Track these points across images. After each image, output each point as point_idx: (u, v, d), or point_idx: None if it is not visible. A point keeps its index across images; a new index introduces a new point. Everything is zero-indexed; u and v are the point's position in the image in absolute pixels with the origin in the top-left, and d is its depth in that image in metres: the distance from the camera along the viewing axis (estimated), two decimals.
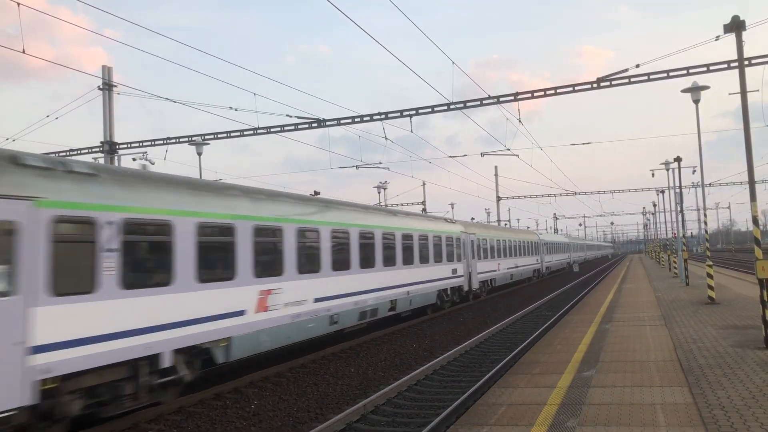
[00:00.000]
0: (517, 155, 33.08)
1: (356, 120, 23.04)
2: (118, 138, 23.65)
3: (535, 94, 21.65)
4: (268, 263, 13.34)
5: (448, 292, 26.15)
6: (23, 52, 15.93)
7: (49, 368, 8.35)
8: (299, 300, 14.29)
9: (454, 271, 26.77)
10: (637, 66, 19.16)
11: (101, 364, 9.19)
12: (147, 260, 10.49)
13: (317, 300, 15.11)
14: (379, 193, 53.16)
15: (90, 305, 9.09)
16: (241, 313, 12.23)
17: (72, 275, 8.89)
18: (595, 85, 20.32)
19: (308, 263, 14.88)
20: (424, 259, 22.93)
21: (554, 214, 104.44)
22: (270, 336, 13.12)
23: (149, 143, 25.93)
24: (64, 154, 26.60)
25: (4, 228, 7.99)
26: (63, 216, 8.79)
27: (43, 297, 8.35)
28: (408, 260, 21.29)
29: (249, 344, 12.47)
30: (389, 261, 19.72)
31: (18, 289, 8.05)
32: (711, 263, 21.25)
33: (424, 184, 56.36)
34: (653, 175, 48.60)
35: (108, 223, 9.46)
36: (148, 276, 10.33)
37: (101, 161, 23.39)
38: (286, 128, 23.84)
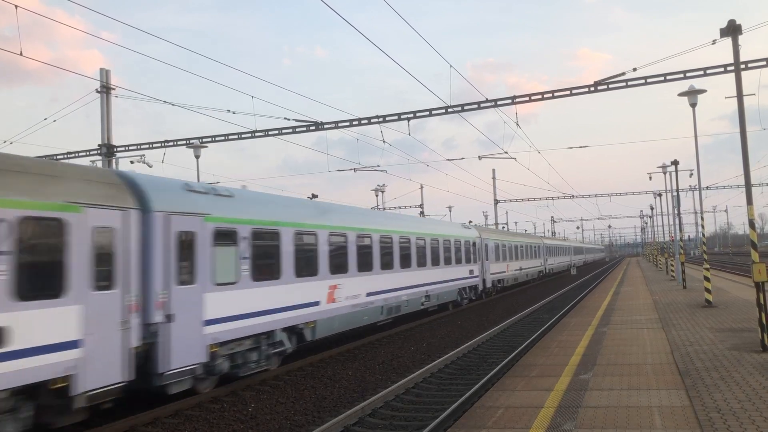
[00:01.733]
0: (515, 158, 33.09)
1: (354, 123, 23.06)
2: (115, 141, 23.62)
3: (533, 98, 21.70)
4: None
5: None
6: (21, 54, 15.91)
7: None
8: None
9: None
10: (635, 69, 19.20)
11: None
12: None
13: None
14: (377, 196, 53.14)
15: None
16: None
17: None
18: (592, 89, 20.37)
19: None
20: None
21: (552, 217, 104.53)
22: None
23: (147, 146, 25.91)
24: (62, 157, 26.58)
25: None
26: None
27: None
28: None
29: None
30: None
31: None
32: (708, 266, 21.28)
33: (421, 186, 56.40)
34: (650, 178, 48.61)
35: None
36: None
37: (99, 164, 23.38)
38: (284, 131, 23.84)
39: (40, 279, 8.59)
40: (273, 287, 13.68)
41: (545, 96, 21.44)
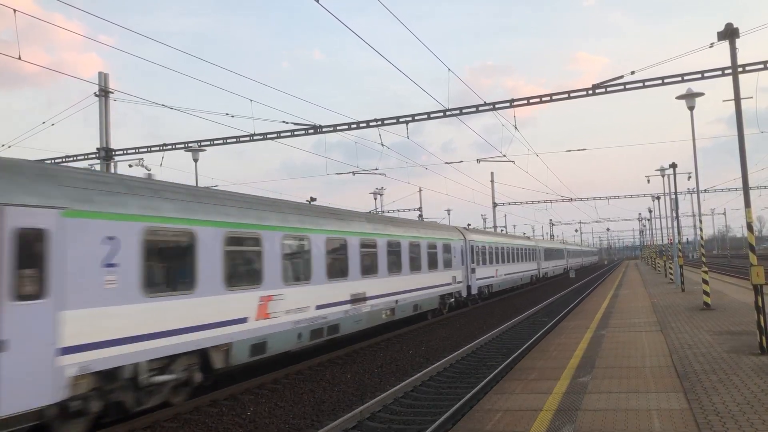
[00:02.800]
0: (513, 161, 33.13)
1: (352, 126, 23.09)
2: (113, 144, 23.63)
3: (531, 101, 21.74)
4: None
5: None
6: (19, 58, 15.92)
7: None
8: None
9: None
10: (632, 73, 19.25)
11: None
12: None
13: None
14: (375, 199, 53.21)
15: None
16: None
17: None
18: (590, 92, 20.42)
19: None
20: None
21: (550, 220, 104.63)
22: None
23: (145, 150, 25.92)
24: (60, 160, 26.58)
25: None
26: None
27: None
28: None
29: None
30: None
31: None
32: (706, 269, 21.30)
33: (420, 190, 56.48)
34: (649, 181, 48.84)
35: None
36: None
37: (97, 168, 23.37)
38: (282, 134, 23.87)
39: None
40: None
41: (543, 99, 21.48)
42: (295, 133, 23.68)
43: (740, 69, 16.95)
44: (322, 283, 15.76)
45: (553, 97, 21.35)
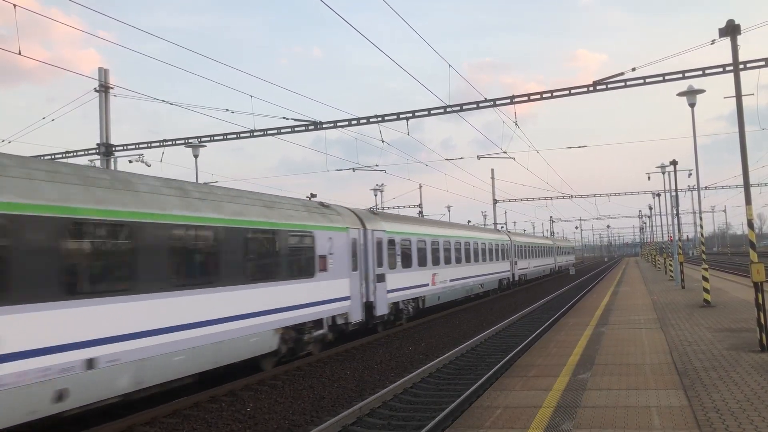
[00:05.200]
0: (514, 158, 33.11)
1: (353, 123, 23.06)
2: (114, 140, 23.61)
3: (532, 97, 21.71)
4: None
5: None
6: (19, 53, 15.88)
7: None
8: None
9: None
10: (633, 69, 19.22)
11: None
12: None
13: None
14: (375, 195, 53.16)
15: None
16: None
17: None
18: (591, 89, 20.38)
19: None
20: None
21: (550, 217, 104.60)
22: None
23: (145, 145, 25.92)
24: (60, 156, 26.55)
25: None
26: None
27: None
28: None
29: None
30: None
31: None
32: (707, 266, 21.29)
33: (420, 186, 56.43)
34: (649, 178, 48.88)
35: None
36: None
37: (97, 163, 23.35)
38: (282, 130, 23.85)
39: None
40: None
41: (544, 96, 21.45)
42: (295, 129, 23.65)
43: (741, 66, 16.91)
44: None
45: (554, 94, 21.31)
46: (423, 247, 24.23)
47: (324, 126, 23.15)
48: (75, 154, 26.43)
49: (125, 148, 25.43)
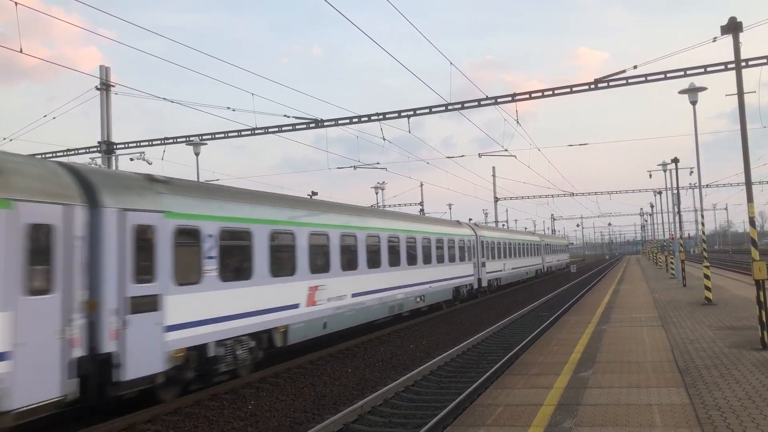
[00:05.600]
0: (515, 156, 33.10)
1: (354, 120, 23.05)
2: (114, 138, 23.62)
3: (533, 95, 21.68)
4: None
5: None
6: (20, 51, 15.88)
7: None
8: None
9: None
10: (635, 67, 19.21)
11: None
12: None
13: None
14: (376, 193, 53.15)
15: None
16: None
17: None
18: (592, 86, 20.35)
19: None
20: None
21: (552, 215, 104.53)
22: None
23: (147, 143, 25.91)
24: (61, 154, 26.57)
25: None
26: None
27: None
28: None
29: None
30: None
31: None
32: (708, 264, 21.27)
33: (421, 184, 56.42)
34: (651, 176, 48.67)
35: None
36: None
37: (98, 161, 23.37)
38: (283, 128, 23.84)
39: None
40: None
41: (546, 93, 21.42)
42: (297, 127, 23.66)
43: (743, 63, 16.86)
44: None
45: (556, 92, 21.29)
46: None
47: (325, 124, 23.14)
48: (76, 152, 26.45)
49: (126, 146, 25.44)
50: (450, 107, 22.23)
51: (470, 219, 50.99)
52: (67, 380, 8.82)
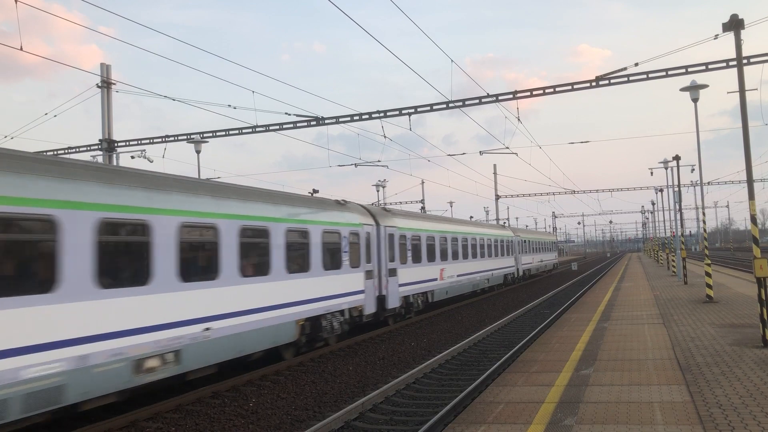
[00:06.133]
0: (516, 153, 33.05)
1: (355, 118, 23.04)
2: (115, 136, 23.62)
3: (535, 93, 21.65)
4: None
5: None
6: (21, 49, 15.88)
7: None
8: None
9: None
10: (636, 65, 19.17)
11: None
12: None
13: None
14: (378, 191, 53.16)
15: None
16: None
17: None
18: (594, 84, 20.32)
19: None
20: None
21: (553, 212, 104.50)
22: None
23: (148, 141, 25.91)
24: (62, 152, 26.58)
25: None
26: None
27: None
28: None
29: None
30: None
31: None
32: (709, 262, 21.26)
33: (423, 182, 56.41)
34: (652, 173, 48.77)
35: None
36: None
37: (99, 159, 23.38)
38: (284, 126, 23.84)
39: None
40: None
41: (547, 91, 21.40)
42: (297, 124, 23.65)
43: (745, 61, 16.82)
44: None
45: (557, 89, 21.26)
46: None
47: (326, 121, 23.13)
48: (77, 150, 26.46)
49: (127, 143, 25.45)
50: (451, 105, 22.21)
51: (471, 217, 50.35)
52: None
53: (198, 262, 11.76)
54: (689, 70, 19.55)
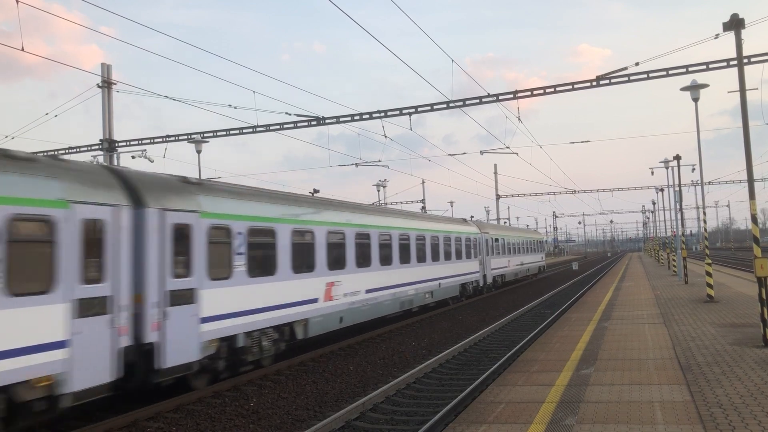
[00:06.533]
0: (517, 153, 33.05)
1: (355, 118, 23.05)
2: (116, 136, 23.64)
3: (535, 92, 21.65)
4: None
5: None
6: (22, 49, 15.88)
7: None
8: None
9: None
10: (637, 64, 19.16)
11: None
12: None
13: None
14: (378, 191, 53.16)
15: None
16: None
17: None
18: (594, 83, 20.32)
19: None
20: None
21: (554, 212, 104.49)
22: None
23: (149, 141, 25.93)
24: (63, 152, 26.59)
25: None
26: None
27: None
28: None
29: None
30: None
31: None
32: (710, 261, 21.26)
33: (423, 182, 56.39)
34: (653, 173, 48.77)
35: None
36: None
37: (100, 159, 23.39)
38: (285, 126, 23.84)
39: None
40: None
41: (547, 91, 21.40)
42: (298, 124, 23.65)
43: (745, 60, 16.81)
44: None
45: (557, 89, 21.27)
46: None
47: (327, 121, 23.14)
48: (78, 150, 26.48)
49: (128, 143, 25.46)
50: (452, 104, 22.21)
51: (471, 216, 50.44)
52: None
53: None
54: (690, 69, 19.55)
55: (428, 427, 8.92)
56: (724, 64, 19.03)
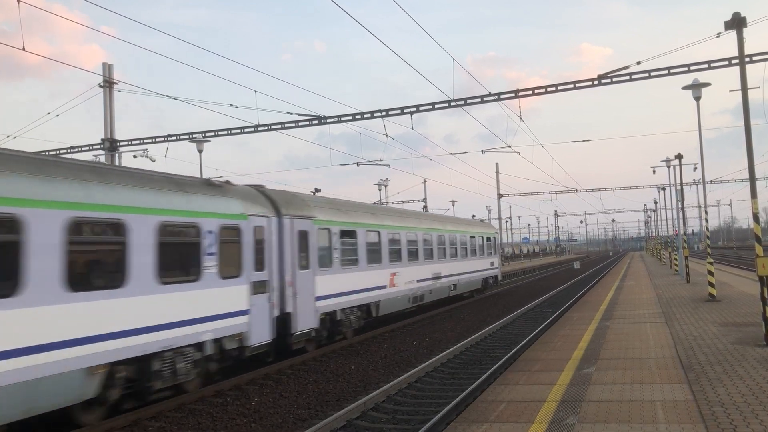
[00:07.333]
0: (518, 152, 33.06)
1: (357, 117, 23.05)
2: (117, 135, 23.67)
3: (536, 91, 21.65)
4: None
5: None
6: (23, 49, 15.90)
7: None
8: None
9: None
10: (638, 63, 19.17)
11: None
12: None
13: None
14: (380, 190, 53.18)
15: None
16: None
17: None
18: (596, 82, 20.30)
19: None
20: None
21: (555, 211, 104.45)
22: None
23: (150, 140, 25.96)
24: (64, 151, 26.62)
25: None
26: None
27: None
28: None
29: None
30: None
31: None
32: (712, 260, 21.24)
33: (425, 181, 56.41)
34: (654, 172, 48.76)
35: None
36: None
37: (102, 158, 23.42)
38: (286, 125, 23.85)
39: None
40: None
41: (549, 90, 21.39)
42: (299, 124, 23.66)
43: (747, 59, 16.81)
44: None
45: (559, 88, 21.27)
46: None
47: (328, 120, 23.14)
48: (79, 149, 26.51)
49: (129, 143, 25.49)
50: (453, 103, 22.21)
51: (473, 216, 50.53)
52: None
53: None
54: (691, 68, 19.54)
55: (429, 426, 8.91)
56: (726, 63, 19.01)
